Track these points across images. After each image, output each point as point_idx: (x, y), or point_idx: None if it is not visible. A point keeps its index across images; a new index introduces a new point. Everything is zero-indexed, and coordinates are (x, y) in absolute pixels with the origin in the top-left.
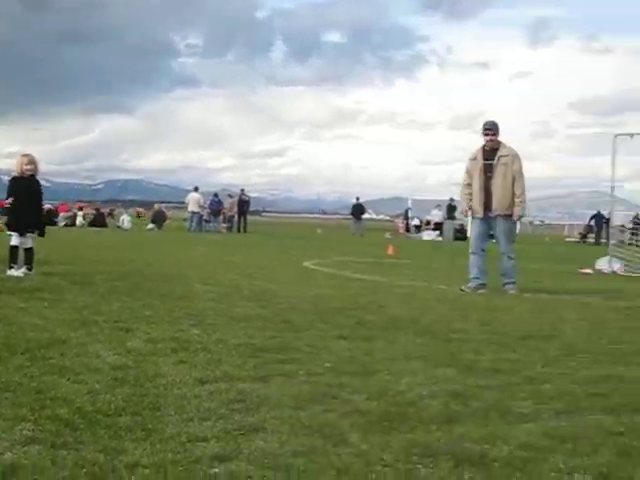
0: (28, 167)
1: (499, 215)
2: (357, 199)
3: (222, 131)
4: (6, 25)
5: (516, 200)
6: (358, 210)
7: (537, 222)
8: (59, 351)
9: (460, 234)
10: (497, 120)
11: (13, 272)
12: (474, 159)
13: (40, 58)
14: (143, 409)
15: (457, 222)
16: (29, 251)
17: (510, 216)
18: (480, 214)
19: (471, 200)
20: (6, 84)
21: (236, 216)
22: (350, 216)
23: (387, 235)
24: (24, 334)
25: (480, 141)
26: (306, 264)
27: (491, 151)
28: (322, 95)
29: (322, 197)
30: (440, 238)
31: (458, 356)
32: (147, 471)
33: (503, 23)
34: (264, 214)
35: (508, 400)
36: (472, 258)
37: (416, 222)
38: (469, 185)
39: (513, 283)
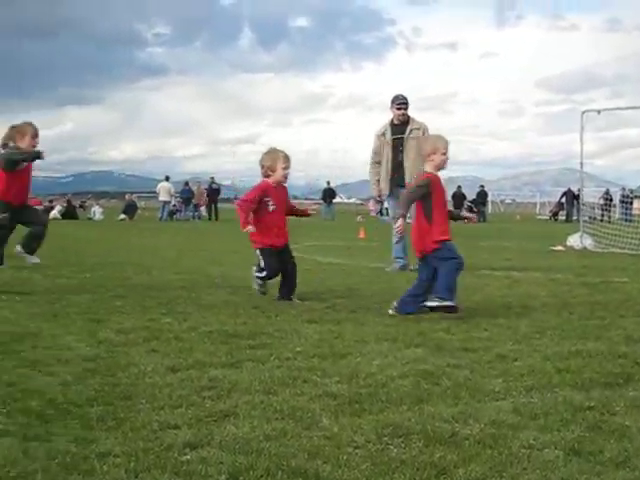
0: None
1: None
2: (328, 183)
3: (191, 120)
4: None
5: None
6: (329, 194)
7: (508, 201)
8: (31, 344)
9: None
10: (466, 100)
11: None
12: (382, 135)
13: (5, 52)
14: (115, 399)
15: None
16: None
17: None
18: (387, 192)
19: (379, 181)
20: None
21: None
22: (321, 201)
23: (358, 218)
24: None
25: (386, 117)
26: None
27: (401, 125)
28: (291, 81)
29: (292, 182)
30: (409, 221)
31: (429, 336)
32: (119, 460)
33: (470, 4)
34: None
35: (479, 378)
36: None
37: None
38: (377, 164)
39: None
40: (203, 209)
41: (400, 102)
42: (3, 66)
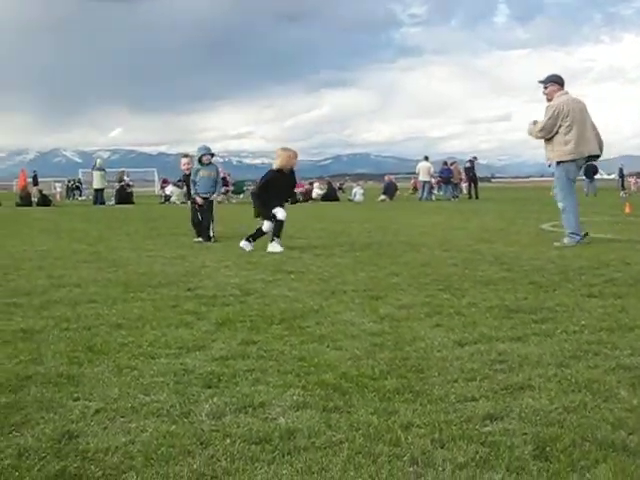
0: (294, 161)
1: None
2: (589, 159)
3: (447, 99)
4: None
5: None
6: (591, 170)
7: None
8: (314, 320)
9: None
10: None
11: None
12: None
13: (263, 38)
14: (407, 372)
15: None
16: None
17: None
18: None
19: None
20: (233, 65)
21: (466, 183)
22: (583, 177)
23: (622, 194)
24: (277, 305)
25: None
26: (543, 226)
27: None
28: (547, 56)
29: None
30: None
31: None
32: (422, 431)
33: None
34: (493, 180)
35: None
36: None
37: None
38: None
39: None
40: (464, 187)
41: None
42: (261, 51)
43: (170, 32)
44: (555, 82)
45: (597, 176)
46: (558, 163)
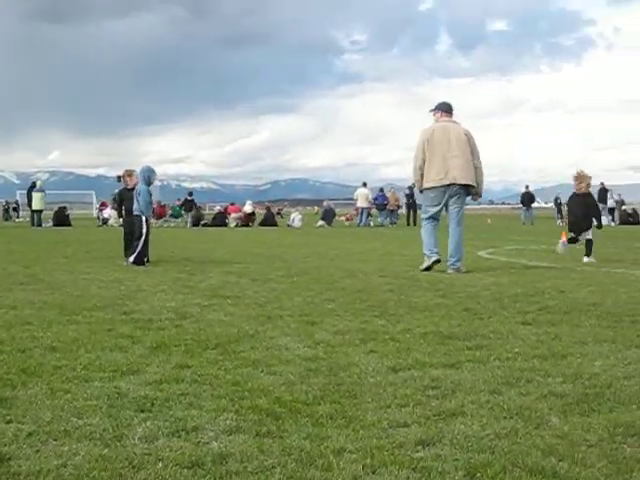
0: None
1: None
2: (527, 187)
3: (388, 126)
4: (172, 32)
5: None
6: (528, 198)
7: None
8: (249, 345)
9: (632, 219)
10: None
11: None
12: None
13: (204, 63)
14: (341, 397)
15: (629, 207)
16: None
17: None
18: None
19: None
20: (173, 90)
21: (404, 209)
22: (520, 204)
23: (558, 222)
24: (213, 330)
25: None
26: (480, 253)
27: None
28: (488, 84)
29: (489, 187)
30: (613, 223)
31: None
32: (354, 456)
33: None
34: None
35: None
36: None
37: None
38: None
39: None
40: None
41: None
42: (202, 78)
43: (110, 56)
44: (440, 109)
45: (534, 205)
46: (424, 190)
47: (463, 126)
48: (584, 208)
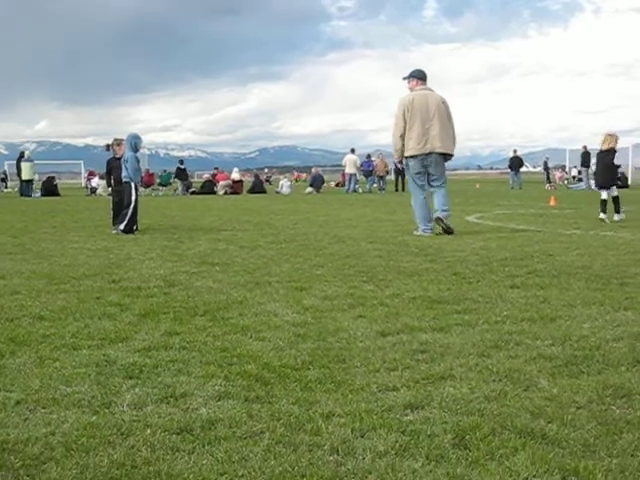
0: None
1: None
2: (515, 152)
3: (376, 93)
4: (158, 1)
5: None
6: (516, 163)
7: None
8: (238, 311)
9: (619, 182)
10: None
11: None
12: None
13: (192, 31)
14: (329, 362)
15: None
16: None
17: None
18: None
19: None
20: (160, 59)
21: (392, 175)
22: (508, 169)
23: (547, 187)
24: (201, 297)
25: None
26: (469, 218)
27: None
28: (476, 50)
29: (476, 152)
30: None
31: (636, 299)
32: (342, 420)
33: None
34: None
35: None
36: None
37: (574, 173)
38: None
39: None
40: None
41: None
42: (190, 46)
43: (96, 24)
44: (415, 77)
45: (523, 169)
46: (405, 158)
47: (439, 93)
48: (603, 165)
